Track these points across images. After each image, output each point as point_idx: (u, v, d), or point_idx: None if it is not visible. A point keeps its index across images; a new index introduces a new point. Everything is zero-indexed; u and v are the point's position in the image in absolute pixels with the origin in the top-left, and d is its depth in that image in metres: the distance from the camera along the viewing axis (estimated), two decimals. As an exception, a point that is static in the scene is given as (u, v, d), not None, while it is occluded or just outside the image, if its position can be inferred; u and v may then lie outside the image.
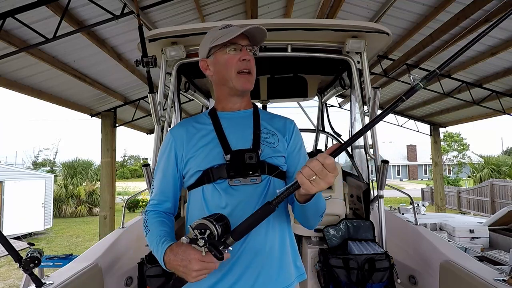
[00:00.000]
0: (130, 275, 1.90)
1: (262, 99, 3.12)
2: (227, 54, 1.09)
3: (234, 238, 0.87)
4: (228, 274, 1.00)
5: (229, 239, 0.87)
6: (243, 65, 1.09)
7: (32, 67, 4.66)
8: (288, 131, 1.19)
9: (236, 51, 1.09)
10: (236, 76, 1.10)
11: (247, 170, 1.05)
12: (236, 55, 1.09)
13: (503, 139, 72.73)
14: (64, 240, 10.62)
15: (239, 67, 1.09)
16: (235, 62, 1.09)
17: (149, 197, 1.20)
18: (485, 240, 6.59)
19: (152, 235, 1.03)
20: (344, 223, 2.01)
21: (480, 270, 1.44)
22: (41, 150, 27.17)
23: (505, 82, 6.50)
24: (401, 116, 10.85)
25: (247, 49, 1.10)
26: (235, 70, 1.09)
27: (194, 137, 1.13)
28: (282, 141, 1.15)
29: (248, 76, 1.11)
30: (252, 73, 1.12)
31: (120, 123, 8.05)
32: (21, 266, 1.23)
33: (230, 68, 1.09)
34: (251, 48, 1.12)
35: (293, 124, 1.23)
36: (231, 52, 1.09)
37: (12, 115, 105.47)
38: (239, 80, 1.10)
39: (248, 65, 1.10)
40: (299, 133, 1.22)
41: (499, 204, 12.52)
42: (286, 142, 1.17)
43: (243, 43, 1.10)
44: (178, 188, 1.15)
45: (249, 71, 1.11)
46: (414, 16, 5.07)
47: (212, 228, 0.86)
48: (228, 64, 1.09)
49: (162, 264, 0.95)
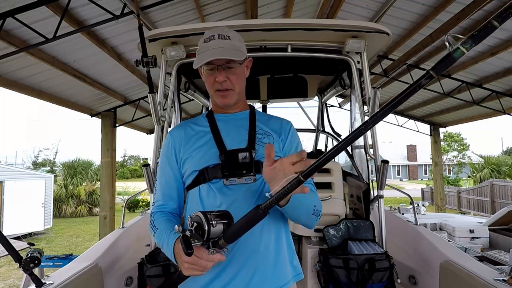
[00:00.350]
0: (130, 275, 1.90)
1: (262, 99, 3.12)
2: (206, 73, 1.13)
3: (225, 240, 0.86)
4: (223, 272, 1.02)
5: (221, 240, 0.86)
6: (218, 85, 1.12)
7: (32, 67, 4.66)
8: (284, 131, 1.21)
9: (213, 70, 1.10)
10: (214, 94, 1.15)
11: (241, 170, 1.07)
12: (212, 75, 1.11)
13: (503, 139, 72.86)
14: (64, 240, 10.63)
15: (216, 87, 1.13)
16: (212, 82, 1.12)
17: (148, 198, 1.21)
18: (485, 240, 6.59)
19: (161, 232, 1.04)
20: (344, 223, 2.01)
21: (480, 270, 1.44)
22: (41, 150, 27.17)
23: (505, 82, 6.50)
24: (401, 116, 10.85)
25: (224, 68, 1.09)
26: (213, 89, 1.14)
27: (191, 138, 1.16)
28: (277, 142, 1.17)
29: (226, 93, 1.13)
30: (231, 88, 1.13)
31: (120, 123, 8.05)
32: (21, 266, 1.23)
33: (209, 86, 1.15)
34: (230, 65, 1.10)
35: (290, 125, 1.25)
36: (208, 72, 1.12)
37: (12, 115, 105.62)
38: (217, 98, 1.15)
39: (223, 86, 1.11)
40: (295, 134, 1.24)
41: (499, 204, 12.53)
42: (281, 143, 1.18)
43: (219, 62, 1.08)
44: (182, 189, 1.17)
45: (226, 89, 1.13)
46: (414, 16, 5.07)
47: (203, 222, 0.83)
48: (207, 83, 1.15)
49: (172, 257, 0.95)
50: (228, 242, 0.86)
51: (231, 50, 1.08)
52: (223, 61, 1.08)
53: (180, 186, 1.16)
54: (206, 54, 1.07)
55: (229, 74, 1.10)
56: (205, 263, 0.87)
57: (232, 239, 0.87)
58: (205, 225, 0.82)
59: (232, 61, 1.09)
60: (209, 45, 1.08)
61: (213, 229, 0.83)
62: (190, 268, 0.88)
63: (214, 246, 0.86)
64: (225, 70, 1.10)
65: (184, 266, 0.89)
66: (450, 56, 0.63)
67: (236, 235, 0.87)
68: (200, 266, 0.87)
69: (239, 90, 1.16)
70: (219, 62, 1.08)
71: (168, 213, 1.14)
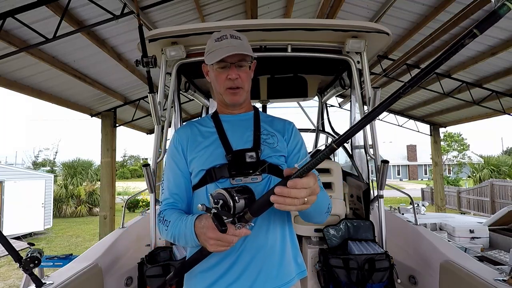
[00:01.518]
0: (130, 275, 1.90)
1: (262, 99, 3.12)
2: (216, 71, 1.14)
3: (252, 213, 0.87)
4: (230, 271, 1.03)
5: (247, 214, 0.87)
6: (230, 83, 1.13)
7: (32, 67, 4.66)
8: (287, 131, 1.24)
9: (225, 68, 1.13)
10: (225, 92, 1.16)
11: (248, 169, 1.09)
12: (224, 73, 1.13)
13: (503, 139, 72.75)
14: (64, 240, 10.62)
15: (227, 85, 1.14)
16: (224, 79, 1.14)
17: (149, 198, 1.20)
18: (485, 240, 6.59)
19: (175, 221, 1.02)
20: (344, 223, 2.01)
21: (480, 270, 1.44)
22: (41, 150, 27.17)
23: (505, 82, 6.50)
24: (401, 116, 10.85)
25: (236, 66, 1.12)
26: (224, 87, 1.15)
27: (198, 138, 1.18)
28: (281, 141, 1.19)
29: (237, 91, 1.15)
30: (242, 87, 1.15)
31: (120, 123, 8.05)
32: (21, 266, 1.23)
33: (219, 84, 1.16)
34: (242, 64, 1.13)
35: (292, 125, 1.28)
36: (219, 70, 1.13)
37: (12, 115, 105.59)
38: (228, 96, 1.16)
39: (235, 83, 1.13)
40: (298, 133, 1.27)
41: (499, 204, 12.53)
42: (285, 142, 1.21)
43: (232, 60, 1.11)
44: (190, 187, 1.17)
45: (237, 87, 1.15)
46: (414, 16, 5.07)
47: (228, 198, 0.84)
48: (217, 80, 1.15)
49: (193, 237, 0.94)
50: (254, 215, 0.87)
51: (245, 48, 1.11)
52: (236, 59, 1.11)
53: (188, 184, 1.16)
54: (220, 51, 1.09)
55: (240, 72, 1.13)
56: (231, 238, 0.87)
57: (258, 213, 0.88)
58: (230, 201, 0.84)
59: (244, 60, 1.13)
60: (222, 44, 1.11)
61: (237, 204, 0.85)
62: (216, 244, 0.88)
63: (240, 221, 0.87)
64: (237, 68, 1.13)
65: (210, 243, 0.89)
66: (496, 13, 0.60)
67: (262, 208, 0.87)
68: (226, 242, 0.87)
69: (248, 89, 1.19)
70: (232, 60, 1.11)
71: (179, 209, 1.14)
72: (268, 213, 1.06)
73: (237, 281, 1.02)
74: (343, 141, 0.76)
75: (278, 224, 1.11)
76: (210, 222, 0.88)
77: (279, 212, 1.10)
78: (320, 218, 1.09)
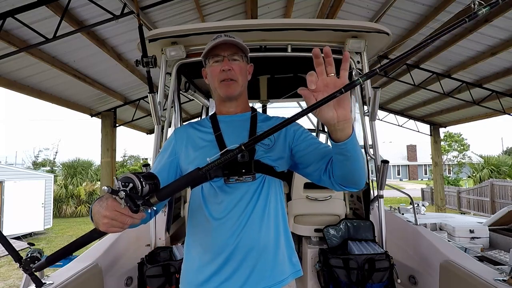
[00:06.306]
0: (130, 275, 1.90)
1: (262, 99, 3.12)
2: (211, 66, 1.19)
3: (158, 198, 0.87)
4: (222, 269, 1.05)
5: (153, 198, 0.87)
6: (223, 75, 1.17)
7: (32, 67, 4.66)
8: (285, 129, 1.21)
9: (219, 62, 1.17)
10: (219, 85, 1.19)
11: (241, 169, 1.11)
12: (218, 66, 1.17)
13: (503, 139, 72.67)
14: (64, 240, 10.62)
15: (220, 77, 1.17)
16: (218, 72, 1.17)
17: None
18: (485, 240, 6.58)
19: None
20: (344, 223, 2.01)
21: (480, 270, 1.44)
22: (41, 150, 27.08)
23: (505, 82, 6.51)
24: (401, 116, 10.86)
25: (229, 59, 1.16)
26: (218, 80, 1.18)
27: (195, 139, 1.21)
28: (279, 141, 1.19)
29: (230, 83, 1.18)
30: (235, 79, 1.18)
31: (120, 123, 8.06)
32: (21, 266, 1.23)
33: (214, 78, 1.19)
34: (235, 57, 1.18)
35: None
36: (214, 64, 1.18)
37: (12, 115, 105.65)
38: (221, 88, 1.19)
39: (228, 75, 1.16)
40: (296, 124, 1.24)
41: (499, 204, 12.52)
42: (286, 139, 1.19)
43: (225, 53, 1.16)
44: (171, 177, 1.16)
45: (231, 79, 1.17)
46: (414, 16, 5.07)
47: (136, 182, 0.84)
48: (212, 75, 1.19)
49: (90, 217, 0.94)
50: (160, 200, 0.88)
51: (238, 42, 1.18)
52: (229, 51, 1.16)
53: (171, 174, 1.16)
54: (212, 43, 1.16)
55: (233, 65, 1.17)
56: (125, 219, 0.84)
57: (164, 198, 0.88)
58: (139, 185, 0.85)
59: (237, 54, 1.17)
60: (216, 40, 1.17)
61: (144, 189, 0.86)
62: (109, 224, 0.85)
63: (145, 204, 0.87)
64: (230, 61, 1.17)
65: (103, 221, 0.86)
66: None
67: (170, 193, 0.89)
68: (121, 222, 0.85)
69: (242, 83, 1.21)
70: (225, 53, 1.16)
71: None
72: (261, 213, 1.09)
73: (230, 279, 1.04)
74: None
75: (272, 223, 1.12)
76: (110, 202, 0.85)
77: (273, 212, 1.12)
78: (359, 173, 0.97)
